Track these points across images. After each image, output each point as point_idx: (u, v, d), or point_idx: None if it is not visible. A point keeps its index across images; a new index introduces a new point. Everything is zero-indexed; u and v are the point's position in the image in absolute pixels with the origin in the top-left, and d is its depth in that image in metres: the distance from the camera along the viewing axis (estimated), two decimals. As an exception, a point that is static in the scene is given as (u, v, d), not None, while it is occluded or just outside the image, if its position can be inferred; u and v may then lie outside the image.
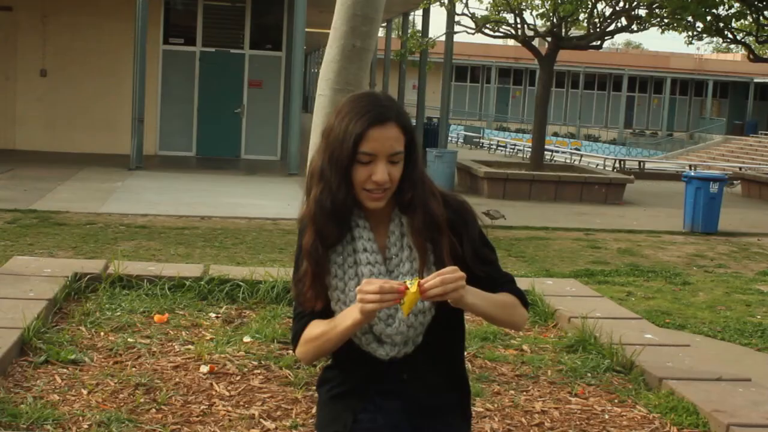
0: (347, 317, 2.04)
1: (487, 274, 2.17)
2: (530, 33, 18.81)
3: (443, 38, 20.24)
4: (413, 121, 25.24)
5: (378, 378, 2.17)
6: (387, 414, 2.17)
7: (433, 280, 1.94)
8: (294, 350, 2.21)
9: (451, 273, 1.95)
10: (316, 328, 2.13)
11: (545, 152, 21.08)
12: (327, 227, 2.11)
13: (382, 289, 1.93)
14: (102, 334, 5.14)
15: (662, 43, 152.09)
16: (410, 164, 2.11)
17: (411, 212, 2.13)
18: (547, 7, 17.95)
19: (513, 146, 33.74)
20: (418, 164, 2.14)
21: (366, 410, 2.18)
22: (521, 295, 2.20)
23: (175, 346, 5.01)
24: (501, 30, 18.93)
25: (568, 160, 29.19)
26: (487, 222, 2.37)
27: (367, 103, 2.09)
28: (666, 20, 17.94)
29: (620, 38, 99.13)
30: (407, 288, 1.94)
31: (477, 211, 2.25)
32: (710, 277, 9.55)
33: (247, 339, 5.16)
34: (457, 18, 19.16)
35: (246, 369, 4.70)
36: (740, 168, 27.31)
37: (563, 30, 18.49)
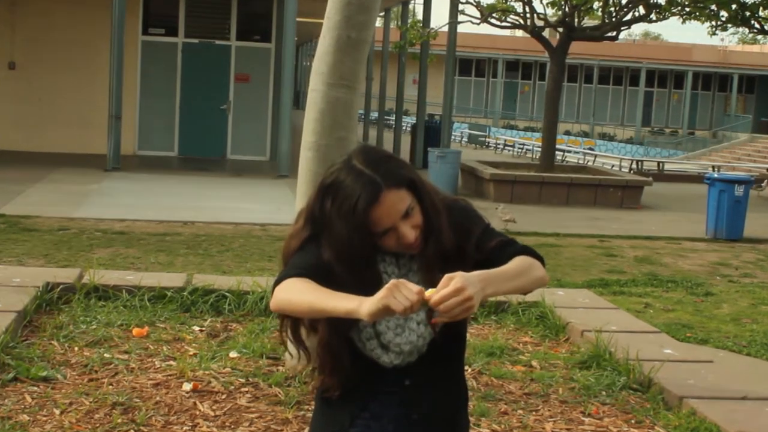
0: (345, 302, 1.99)
1: (498, 243, 2.24)
2: (540, 23, 18.83)
3: (446, 29, 20.25)
4: (413, 120, 24.89)
5: (379, 383, 2.24)
6: (383, 423, 2.24)
7: (442, 304, 1.93)
8: (272, 290, 2.19)
9: (455, 295, 1.93)
10: (309, 284, 2.09)
11: (556, 152, 21.11)
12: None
13: (414, 303, 1.92)
14: (76, 349, 5.15)
15: (683, 33, 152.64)
16: (421, 204, 2.19)
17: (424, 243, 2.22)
18: (559, -5, 18.01)
19: (521, 146, 33.78)
20: (428, 201, 2.20)
21: (362, 417, 2.25)
22: (529, 251, 2.24)
23: (156, 362, 5.02)
24: (508, 20, 18.96)
25: (581, 161, 29.23)
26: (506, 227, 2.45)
27: (351, 185, 2.13)
28: (687, 9, 17.98)
29: (637, 28, 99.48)
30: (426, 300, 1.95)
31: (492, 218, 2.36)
32: (735, 287, 9.56)
33: (233, 354, 5.18)
34: (461, 7, 19.19)
35: (232, 387, 4.71)
36: (767, 169, 27.36)
37: (576, 20, 18.52)
